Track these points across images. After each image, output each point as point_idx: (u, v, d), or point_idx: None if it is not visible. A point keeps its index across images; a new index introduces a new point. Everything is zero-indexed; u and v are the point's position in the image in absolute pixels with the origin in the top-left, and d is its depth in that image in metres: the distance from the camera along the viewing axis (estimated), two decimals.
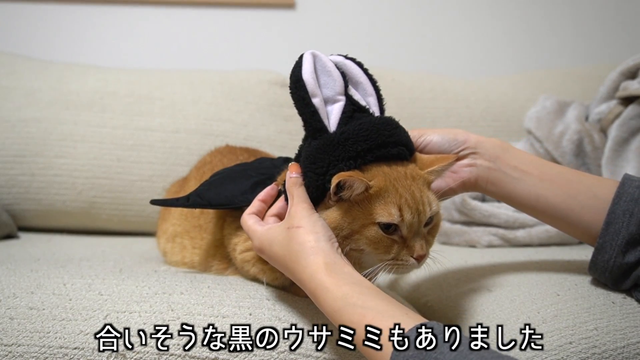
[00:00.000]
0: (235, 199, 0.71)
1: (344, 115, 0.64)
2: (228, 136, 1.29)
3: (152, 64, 1.56)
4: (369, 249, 0.61)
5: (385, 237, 0.61)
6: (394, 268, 0.62)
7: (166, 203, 0.79)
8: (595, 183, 0.68)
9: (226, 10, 1.66)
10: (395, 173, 0.62)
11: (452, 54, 1.71)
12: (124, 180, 1.25)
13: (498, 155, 0.70)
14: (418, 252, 0.61)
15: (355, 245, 0.61)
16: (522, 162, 0.70)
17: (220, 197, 0.73)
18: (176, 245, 0.85)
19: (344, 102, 0.64)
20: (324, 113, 0.63)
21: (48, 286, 0.66)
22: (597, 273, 0.67)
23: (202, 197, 0.73)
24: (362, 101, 0.66)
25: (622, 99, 1.12)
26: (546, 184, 0.68)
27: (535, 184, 0.68)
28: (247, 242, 0.72)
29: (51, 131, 1.26)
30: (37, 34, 1.62)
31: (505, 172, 0.69)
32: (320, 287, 0.56)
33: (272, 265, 0.66)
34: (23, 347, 0.58)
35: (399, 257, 0.61)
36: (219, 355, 0.59)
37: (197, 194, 0.74)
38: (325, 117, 0.63)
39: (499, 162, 0.70)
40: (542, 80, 1.45)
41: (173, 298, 0.65)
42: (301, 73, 0.63)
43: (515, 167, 0.69)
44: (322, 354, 0.60)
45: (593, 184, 0.67)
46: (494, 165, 0.70)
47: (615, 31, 1.71)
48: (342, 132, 0.62)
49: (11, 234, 1.18)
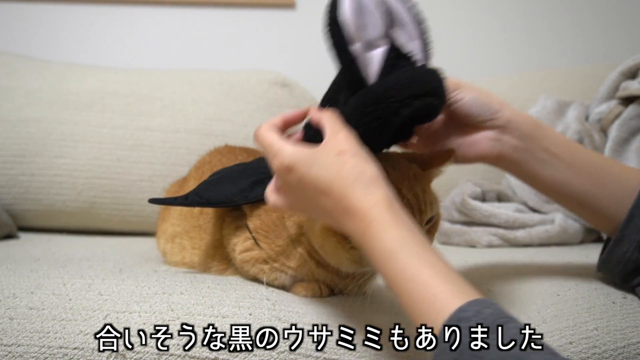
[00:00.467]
0: (234, 198, 0.71)
1: (386, 63, 0.57)
2: (228, 136, 1.29)
3: (152, 64, 1.56)
4: None
5: None
6: None
7: (165, 202, 0.79)
8: (625, 172, 0.65)
9: (226, 10, 1.66)
10: (399, 174, 0.61)
11: (452, 54, 1.71)
12: (124, 180, 1.25)
13: (530, 134, 0.65)
14: None
15: None
16: (554, 144, 0.65)
17: (219, 195, 0.72)
18: (176, 246, 0.85)
19: (387, 48, 0.58)
20: (363, 61, 0.56)
21: (48, 286, 0.66)
22: (610, 266, 0.66)
23: (201, 196, 0.73)
24: (407, 46, 0.59)
25: (622, 99, 1.12)
26: (574, 171, 0.65)
27: (563, 170, 0.64)
28: (247, 242, 0.72)
29: (51, 131, 1.26)
30: (37, 34, 1.62)
31: (534, 154, 0.64)
32: (378, 221, 0.49)
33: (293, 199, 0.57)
34: (23, 347, 0.58)
35: None
36: (218, 355, 0.59)
37: (196, 192, 0.74)
38: (365, 67, 0.56)
39: (529, 142, 0.64)
40: (542, 80, 1.45)
41: (173, 298, 0.65)
42: (338, 14, 0.56)
43: (547, 148, 0.65)
44: (322, 354, 0.60)
45: (623, 173, 0.65)
46: (522, 145, 0.64)
47: (615, 31, 1.71)
48: (383, 84, 0.56)
49: (11, 234, 1.18)
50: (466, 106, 0.65)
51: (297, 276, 0.70)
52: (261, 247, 0.70)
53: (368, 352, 0.60)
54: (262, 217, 0.71)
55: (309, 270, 0.68)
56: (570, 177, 0.65)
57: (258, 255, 0.71)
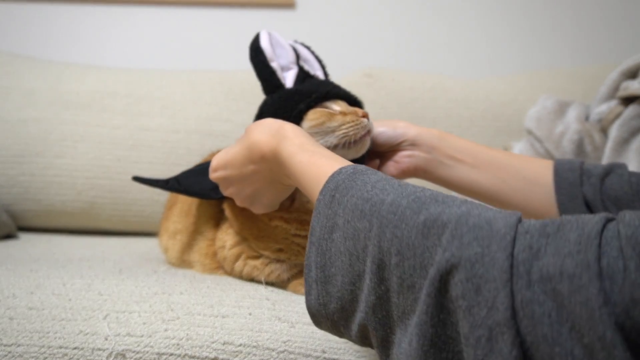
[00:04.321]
0: (210, 192, 0.74)
1: (297, 79, 0.73)
2: (228, 136, 1.29)
3: (152, 64, 1.56)
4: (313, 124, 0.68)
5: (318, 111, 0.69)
6: (350, 130, 0.67)
7: (146, 182, 0.81)
8: (524, 165, 0.72)
9: (226, 10, 1.66)
10: None
11: (452, 54, 1.71)
12: (124, 180, 1.25)
13: (435, 145, 0.75)
14: (361, 112, 0.69)
15: None
16: (457, 151, 0.74)
17: (196, 187, 0.75)
18: (177, 243, 0.85)
19: (297, 70, 0.74)
20: (280, 76, 0.72)
21: (48, 286, 0.66)
22: None
23: (180, 183, 0.76)
24: (312, 72, 0.76)
25: (623, 99, 1.11)
26: (479, 170, 0.73)
27: (469, 171, 0.73)
28: (236, 237, 0.73)
29: (51, 131, 1.26)
30: (37, 34, 1.62)
31: (441, 161, 0.75)
32: (284, 137, 0.60)
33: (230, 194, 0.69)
34: (22, 347, 0.58)
35: (347, 121, 0.67)
36: (218, 355, 0.59)
37: (177, 179, 0.77)
38: (282, 80, 0.73)
39: (435, 152, 0.75)
40: (543, 80, 1.45)
41: (173, 298, 0.65)
42: (259, 42, 0.72)
43: (451, 155, 0.74)
44: (323, 354, 0.60)
45: (522, 166, 0.72)
46: (430, 156, 0.75)
47: (615, 31, 1.71)
48: (297, 87, 0.72)
49: (11, 234, 1.18)
50: (384, 136, 0.76)
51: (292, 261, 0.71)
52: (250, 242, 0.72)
53: (368, 352, 0.60)
54: (240, 216, 0.73)
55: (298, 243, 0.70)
56: (476, 176, 0.73)
57: (249, 248, 0.72)
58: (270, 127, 0.63)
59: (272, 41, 0.73)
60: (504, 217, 0.40)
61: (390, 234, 0.43)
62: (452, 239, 0.40)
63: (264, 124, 0.64)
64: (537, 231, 0.38)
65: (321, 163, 0.55)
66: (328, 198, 0.50)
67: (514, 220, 0.40)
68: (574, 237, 0.36)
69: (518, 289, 0.36)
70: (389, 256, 0.43)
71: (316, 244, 0.49)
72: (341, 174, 0.51)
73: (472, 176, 0.73)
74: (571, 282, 0.35)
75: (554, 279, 0.35)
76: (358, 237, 0.46)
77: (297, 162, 0.57)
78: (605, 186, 0.67)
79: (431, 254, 0.40)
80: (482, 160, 0.74)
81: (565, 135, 1.13)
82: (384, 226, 0.44)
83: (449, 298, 0.39)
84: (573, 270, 0.35)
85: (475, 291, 0.37)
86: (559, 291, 0.35)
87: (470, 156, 0.74)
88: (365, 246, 0.45)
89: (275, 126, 0.63)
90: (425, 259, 0.41)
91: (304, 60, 0.76)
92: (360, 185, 0.49)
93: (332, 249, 0.48)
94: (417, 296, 0.41)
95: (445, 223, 0.41)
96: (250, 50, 0.73)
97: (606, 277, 0.34)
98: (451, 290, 0.39)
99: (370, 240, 0.45)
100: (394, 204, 0.45)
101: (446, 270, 0.39)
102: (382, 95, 1.38)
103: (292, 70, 0.74)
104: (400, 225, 0.43)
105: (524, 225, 0.39)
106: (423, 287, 0.40)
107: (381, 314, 0.44)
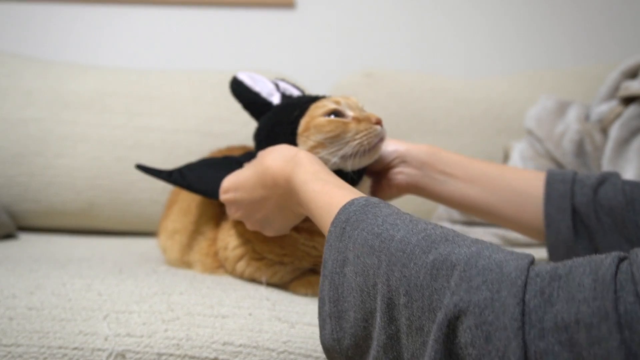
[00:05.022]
0: (215, 193, 0.72)
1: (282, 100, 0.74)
2: (228, 136, 1.29)
3: (152, 64, 1.56)
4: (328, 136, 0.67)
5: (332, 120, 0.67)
6: (365, 139, 0.66)
7: (149, 171, 0.79)
8: (516, 177, 0.73)
9: (226, 10, 1.66)
10: None
11: (452, 54, 1.71)
12: (124, 180, 1.24)
13: (425, 161, 0.75)
14: (375, 118, 0.67)
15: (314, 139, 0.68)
16: (448, 166, 0.75)
17: (199, 183, 0.74)
18: (175, 243, 0.85)
19: (280, 95, 0.75)
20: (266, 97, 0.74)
21: (47, 286, 0.66)
22: None
23: (184, 177, 0.75)
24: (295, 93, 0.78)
25: (623, 99, 1.11)
26: (469, 184, 0.73)
27: (459, 185, 0.74)
28: (240, 239, 0.73)
29: (51, 131, 1.26)
30: (37, 34, 1.62)
31: (432, 177, 0.75)
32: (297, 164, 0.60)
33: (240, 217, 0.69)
34: (22, 348, 0.58)
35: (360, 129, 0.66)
36: (218, 356, 0.59)
37: (180, 171, 0.76)
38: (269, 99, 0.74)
39: (426, 168, 0.75)
40: (543, 80, 1.45)
41: (173, 298, 0.65)
42: (237, 77, 0.75)
43: (442, 170, 0.75)
44: (323, 355, 0.60)
45: (513, 178, 0.72)
46: (421, 172, 0.75)
47: (616, 31, 1.70)
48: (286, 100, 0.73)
49: (11, 234, 1.18)
50: None
51: (295, 265, 0.70)
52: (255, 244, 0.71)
53: None
54: None
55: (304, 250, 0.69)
56: (467, 190, 0.73)
57: (252, 250, 0.72)
58: (285, 153, 0.63)
59: (249, 75, 0.75)
60: (515, 260, 0.39)
61: (399, 272, 0.42)
62: (461, 281, 0.38)
63: (278, 150, 0.64)
64: (549, 274, 0.36)
65: (334, 193, 0.54)
66: (339, 231, 0.49)
67: (525, 264, 0.38)
68: (588, 282, 0.35)
69: (531, 339, 0.34)
70: (397, 296, 0.42)
71: (329, 277, 0.48)
72: (353, 206, 0.50)
73: (463, 190, 0.74)
74: (589, 333, 0.33)
75: (570, 328, 0.34)
76: (368, 274, 0.45)
77: (310, 191, 0.57)
78: (598, 196, 0.66)
79: (439, 296, 0.39)
80: (472, 174, 0.74)
81: (565, 135, 1.12)
82: (392, 264, 0.43)
83: (458, 345, 0.37)
84: (590, 319, 0.33)
85: (485, 339, 0.36)
86: (576, 341, 0.33)
87: (461, 170, 0.74)
88: (375, 283, 0.44)
89: (289, 153, 0.62)
90: (433, 302, 0.39)
91: (283, 90, 0.77)
92: (371, 218, 0.48)
93: (344, 283, 0.47)
94: (426, 340, 0.39)
95: (454, 264, 0.39)
96: (231, 86, 0.75)
97: (625, 326, 0.32)
98: (460, 336, 0.37)
99: (379, 277, 0.43)
100: (403, 241, 0.43)
101: (454, 315, 0.37)
102: (382, 95, 1.37)
103: (274, 96, 0.75)
104: (409, 264, 0.42)
105: (535, 268, 0.38)
106: (431, 332, 0.39)
107: (392, 354, 0.43)
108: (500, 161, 1.31)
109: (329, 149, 0.66)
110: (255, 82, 0.74)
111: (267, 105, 0.73)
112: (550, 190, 0.69)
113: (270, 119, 0.71)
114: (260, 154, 0.66)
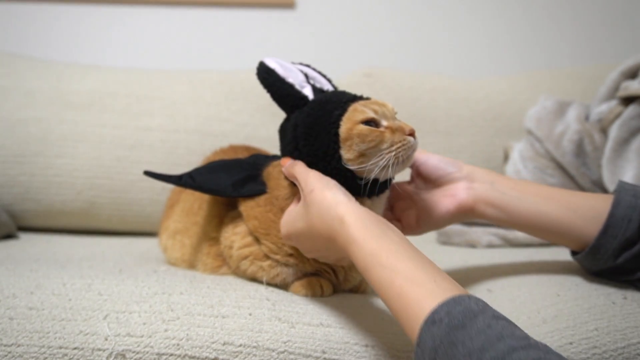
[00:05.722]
0: (227, 190, 0.72)
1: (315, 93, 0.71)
2: (228, 136, 1.29)
3: (152, 64, 1.56)
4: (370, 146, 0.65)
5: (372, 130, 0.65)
6: (400, 152, 0.64)
7: (159, 177, 0.79)
8: (592, 197, 0.69)
9: (226, 10, 1.66)
10: None
11: (452, 54, 1.71)
12: (124, 180, 1.25)
13: (493, 179, 0.72)
14: (409, 129, 0.65)
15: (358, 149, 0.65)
16: (518, 184, 0.72)
17: (212, 183, 0.74)
18: (176, 243, 0.85)
19: (310, 87, 0.71)
20: (300, 89, 0.70)
21: (48, 286, 0.66)
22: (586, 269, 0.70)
23: (195, 180, 0.74)
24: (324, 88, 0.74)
25: (623, 99, 1.11)
26: (547, 201, 0.69)
27: (537, 201, 0.70)
28: (246, 239, 0.72)
29: (51, 131, 1.26)
30: (37, 34, 1.62)
31: (505, 192, 0.71)
32: (349, 241, 0.55)
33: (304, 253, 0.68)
34: (22, 348, 0.58)
35: (395, 141, 0.64)
36: (218, 356, 0.59)
37: (190, 175, 0.75)
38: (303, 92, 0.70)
39: (497, 184, 0.72)
40: (542, 80, 1.45)
41: (173, 298, 0.65)
42: (267, 64, 0.71)
43: (513, 187, 0.71)
44: (323, 354, 0.60)
45: (590, 197, 0.69)
46: (492, 187, 0.71)
47: (615, 31, 1.71)
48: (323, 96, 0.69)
49: (11, 234, 1.18)
50: (434, 163, 0.74)
51: (299, 268, 0.70)
52: (262, 243, 0.71)
53: (368, 352, 0.60)
54: (259, 217, 0.72)
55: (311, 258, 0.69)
56: (545, 207, 0.69)
57: (258, 251, 0.71)
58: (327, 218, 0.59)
59: (279, 63, 0.71)
60: None
61: None
62: None
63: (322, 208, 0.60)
64: None
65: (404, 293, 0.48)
66: None
67: None
68: None
69: None
70: None
71: None
72: (436, 327, 0.44)
73: (540, 207, 0.69)
74: None
75: None
76: None
77: (374, 279, 0.52)
78: None
79: None
80: (546, 191, 0.70)
81: (565, 135, 1.13)
82: None
83: None
84: None
85: None
86: None
87: (532, 188, 0.71)
88: None
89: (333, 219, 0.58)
90: None
91: (312, 79, 0.74)
92: (461, 351, 0.42)
93: None
94: None
95: None
96: (260, 74, 0.71)
97: None
98: None
99: None
100: None
101: None
102: (382, 96, 1.37)
103: (306, 87, 0.71)
104: None
105: None
106: None
107: None
108: (500, 161, 1.31)
109: (371, 159, 0.64)
110: (287, 72, 0.70)
111: (303, 100, 0.70)
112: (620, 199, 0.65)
113: (310, 116, 0.68)
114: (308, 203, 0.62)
